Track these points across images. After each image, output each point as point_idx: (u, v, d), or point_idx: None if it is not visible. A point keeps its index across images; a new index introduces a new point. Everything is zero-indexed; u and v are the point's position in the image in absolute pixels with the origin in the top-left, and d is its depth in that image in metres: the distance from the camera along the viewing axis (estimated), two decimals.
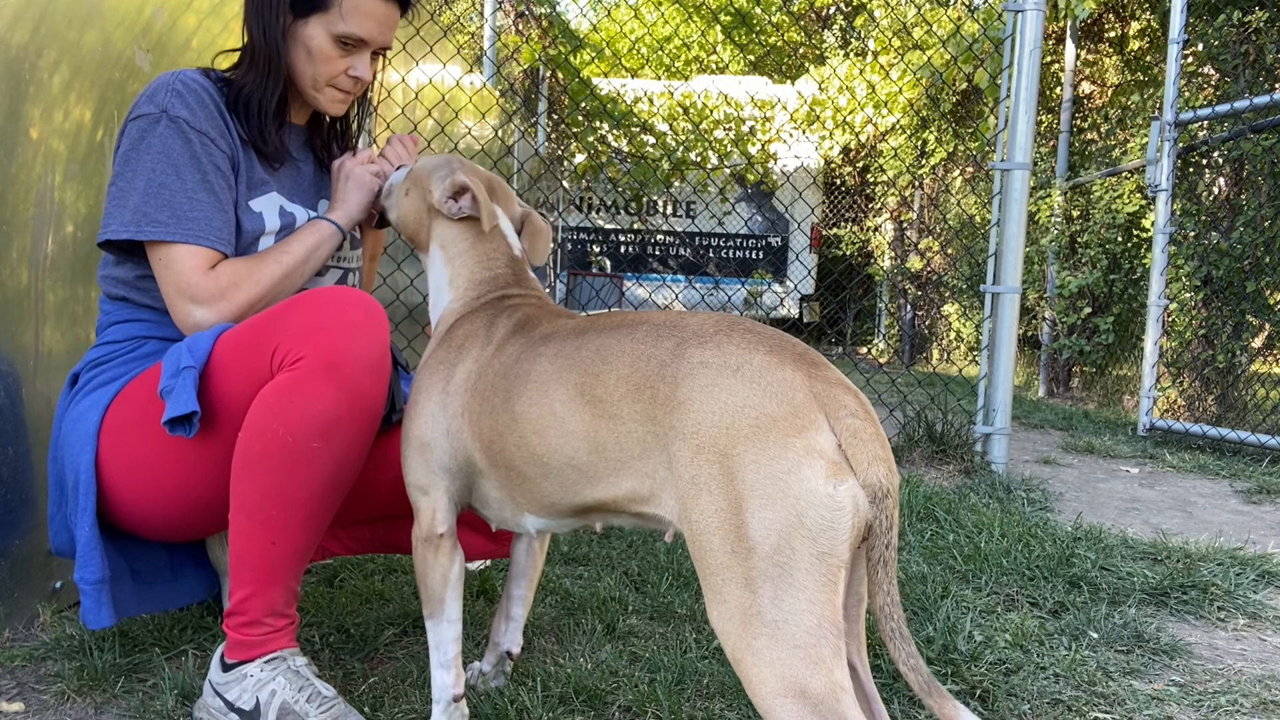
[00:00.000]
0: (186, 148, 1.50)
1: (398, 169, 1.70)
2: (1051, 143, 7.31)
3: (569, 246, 10.43)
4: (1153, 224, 5.04)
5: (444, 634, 1.37)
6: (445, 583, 1.36)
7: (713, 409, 1.02)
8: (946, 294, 9.03)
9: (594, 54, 10.39)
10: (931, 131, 8.68)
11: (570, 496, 1.21)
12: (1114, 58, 7.42)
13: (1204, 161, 5.22)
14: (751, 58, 13.53)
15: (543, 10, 6.92)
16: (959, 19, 7.04)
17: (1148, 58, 7.16)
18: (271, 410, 1.35)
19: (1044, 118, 7.43)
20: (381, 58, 1.74)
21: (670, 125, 9.17)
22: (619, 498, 1.15)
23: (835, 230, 10.92)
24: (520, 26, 6.96)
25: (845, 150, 10.49)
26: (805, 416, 0.99)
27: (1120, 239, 6.19)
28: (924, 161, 9.08)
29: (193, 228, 1.49)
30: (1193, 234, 5.11)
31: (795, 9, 12.12)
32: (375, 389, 1.40)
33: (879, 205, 10.67)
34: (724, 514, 0.99)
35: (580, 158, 8.41)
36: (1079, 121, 7.36)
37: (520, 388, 1.23)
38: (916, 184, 9.64)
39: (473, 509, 1.39)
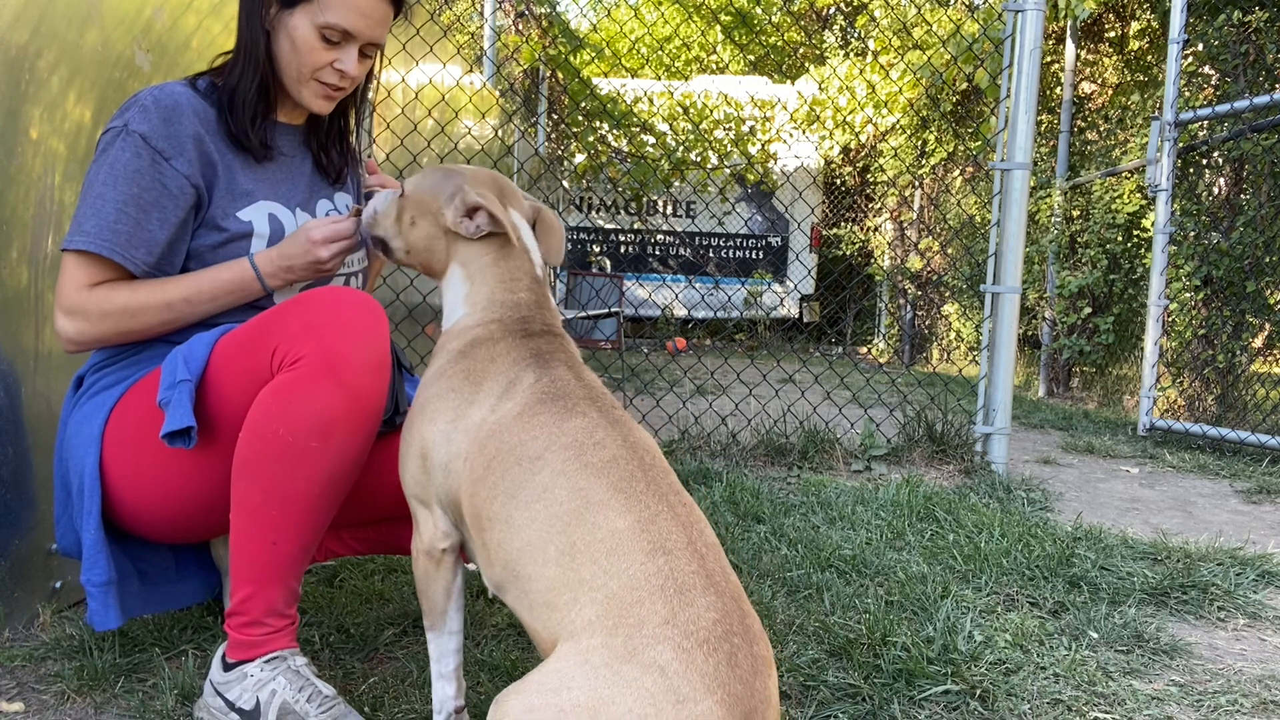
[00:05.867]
0: (134, 162, 1.48)
1: (375, 195, 1.56)
2: (1051, 143, 7.31)
3: (569, 246, 10.44)
4: (1153, 224, 5.04)
5: (445, 645, 1.35)
6: (448, 595, 1.33)
7: None
8: (946, 294, 9.03)
9: (594, 54, 10.39)
10: (931, 131, 8.68)
11: (529, 617, 1.12)
12: (1114, 58, 7.42)
13: (1204, 161, 5.22)
14: (751, 58, 13.54)
15: (543, 10, 6.93)
16: (959, 19, 7.04)
17: (1148, 58, 7.16)
18: (271, 410, 1.35)
19: (1044, 118, 7.43)
20: (379, 57, 1.68)
21: (670, 125, 9.18)
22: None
23: (835, 230, 10.92)
24: (520, 26, 6.96)
25: (845, 150, 10.49)
26: None
27: (1120, 239, 6.19)
28: (924, 161, 9.08)
29: (110, 239, 1.46)
30: (1193, 234, 5.11)
31: (795, 9, 12.12)
32: (375, 389, 1.40)
33: (879, 205, 10.67)
34: None
35: (580, 158, 8.41)
36: (1079, 121, 7.36)
37: (528, 498, 1.13)
38: (916, 184, 9.64)
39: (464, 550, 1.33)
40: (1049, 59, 7.45)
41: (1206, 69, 5.36)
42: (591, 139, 8.05)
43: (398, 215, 1.49)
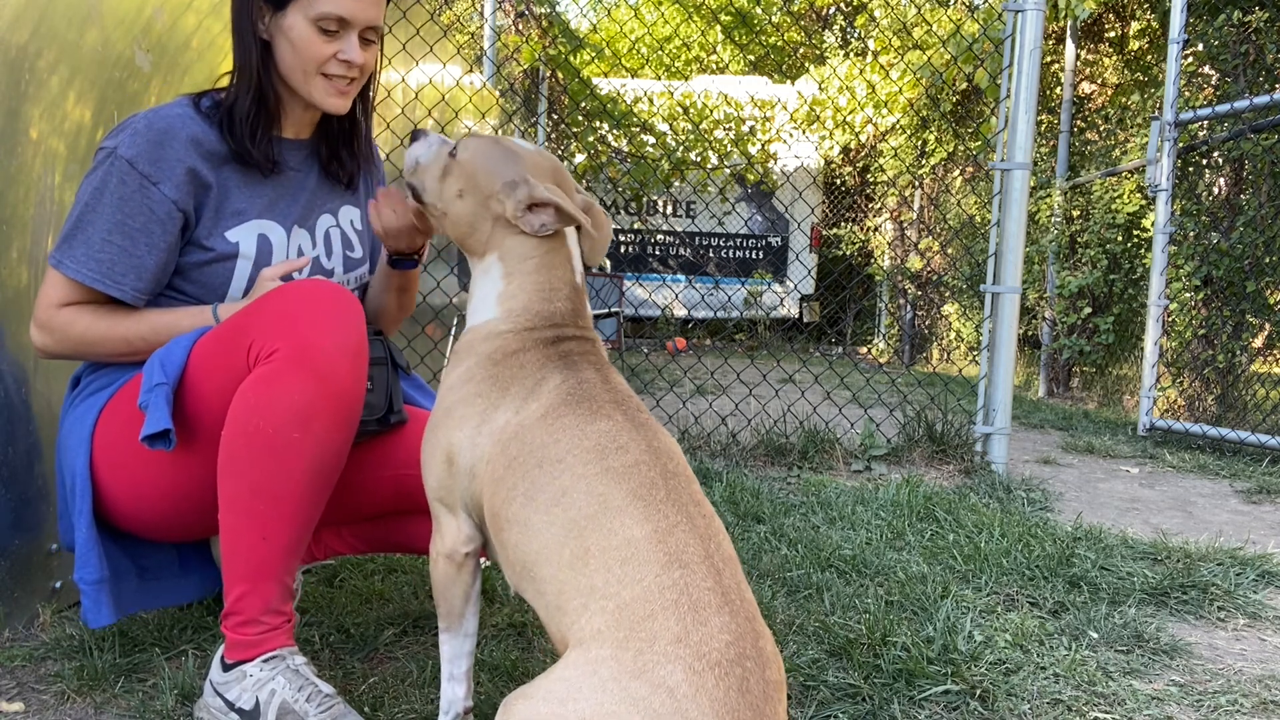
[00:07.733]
0: (120, 188, 1.48)
1: (423, 143, 1.45)
2: (1051, 143, 7.30)
3: None
4: (1153, 224, 5.04)
5: (460, 647, 1.34)
6: (467, 600, 1.32)
7: None
8: (946, 294, 9.02)
9: (594, 54, 10.39)
10: (931, 131, 8.68)
11: (544, 616, 1.12)
12: (1114, 58, 7.42)
13: (1204, 161, 5.22)
14: (751, 58, 13.53)
15: (543, 10, 6.92)
16: (959, 19, 7.04)
17: (1148, 58, 7.16)
18: (250, 405, 1.35)
19: (1044, 118, 7.43)
20: (380, 51, 1.65)
21: (670, 125, 9.18)
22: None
23: (835, 230, 10.91)
24: (520, 26, 6.96)
25: (845, 150, 10.48)
26: None
27: (1120, 239, 6.19)
28: (924, 161, 9.08)
29: (94, 268, 1.48)
30: (1193, 234, 5.11)
31: (795, 9, 12.12)
32: (351, 376, 1.39)
33: (879, 205, 10.66)
34: None
35: (580, 158, 8.41)
36: (1079, 121, 7.35)
37: (546, 502, 1.12)
38: (916, 184, 9.64)
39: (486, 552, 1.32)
40: (1049, 59, 7.45)
41: (1206, 69, 5.36)
42: (591, 139, 8.05)
43: (442, 174, 1.39)
